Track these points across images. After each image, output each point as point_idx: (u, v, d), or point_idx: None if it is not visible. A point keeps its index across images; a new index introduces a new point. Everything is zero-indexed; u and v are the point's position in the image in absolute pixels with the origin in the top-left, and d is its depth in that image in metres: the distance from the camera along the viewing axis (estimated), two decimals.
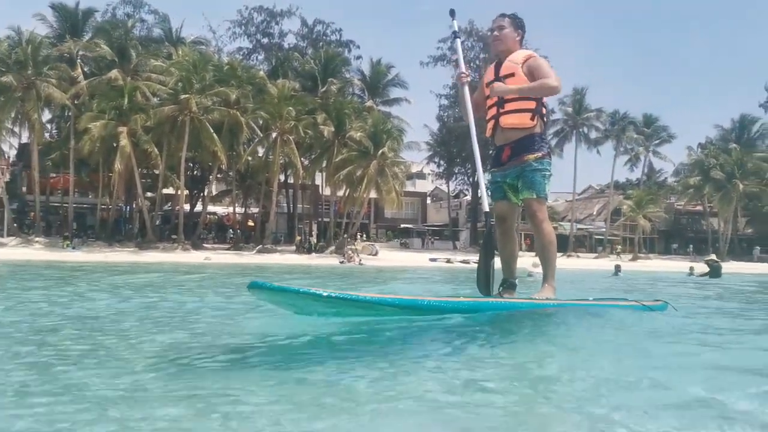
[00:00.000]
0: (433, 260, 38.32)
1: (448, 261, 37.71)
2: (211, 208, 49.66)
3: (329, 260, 35.97)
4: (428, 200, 71.02)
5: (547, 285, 4.46)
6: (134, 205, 44.55)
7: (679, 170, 63.40)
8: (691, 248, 58.24)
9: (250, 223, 50.62)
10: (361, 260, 35.50)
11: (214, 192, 49.09)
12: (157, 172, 41.83)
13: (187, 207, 47.20)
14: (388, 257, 39.92)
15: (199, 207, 48.78)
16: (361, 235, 48.68)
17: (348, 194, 45.28)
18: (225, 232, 50.99)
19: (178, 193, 43.03)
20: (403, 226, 61.44)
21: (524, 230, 40.74)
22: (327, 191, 48.24)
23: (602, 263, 39.48)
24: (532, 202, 4.44)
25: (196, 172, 49.67)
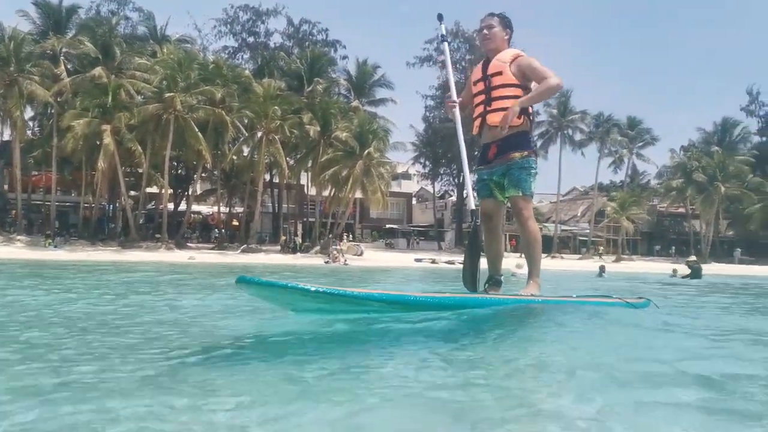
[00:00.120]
0: (418, 260, 38.37)
1: (433, 261, 37.74)
2: (195, 207, 49.37)
3: (314, 260, 35.87)
4: (414, 201, 71.08)
5: (532, 282, 4.53)
6: (117, 204, 44.11)
7: (662, 173, 64.10)
8: (673, 250, 58.83)
9: (235, 222, 50.36)
10: (346, 260, 35.46)
11: (199, 191, 48.84)
12: (140, 171, 41.42)
13: (172, 206, 46.81)
14: (374, 257, 39.88)
15: (183, 206, 48.39)
16: (347, 235, 48.63)
17: (333, 194, 45.19)
18: (209, 232, 50.59)
19: (162, 191, 42.69)
20: (388, 226, 61.52)
21: (510, 231, 40.95)
22: (312, 191, 48.20)
23: (586, 264, 39.71)
24: (518, 199, 4.47)
25: (180, 170, 49.25)
